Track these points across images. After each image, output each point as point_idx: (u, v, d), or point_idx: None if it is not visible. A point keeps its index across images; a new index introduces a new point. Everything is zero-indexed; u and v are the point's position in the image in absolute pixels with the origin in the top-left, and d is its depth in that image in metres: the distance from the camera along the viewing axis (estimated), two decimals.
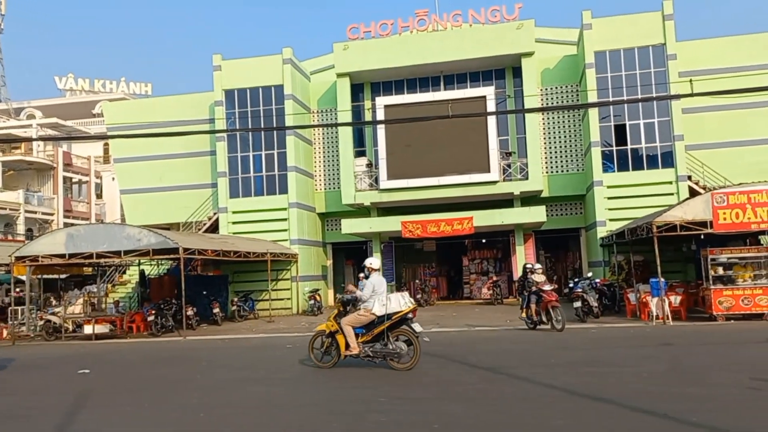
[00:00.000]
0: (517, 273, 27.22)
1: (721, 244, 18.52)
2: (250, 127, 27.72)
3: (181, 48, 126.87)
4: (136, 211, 31.06)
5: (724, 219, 16.57)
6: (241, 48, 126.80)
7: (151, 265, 28.14)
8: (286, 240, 27.29)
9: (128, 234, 19.62)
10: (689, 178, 24.66)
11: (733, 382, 8.72)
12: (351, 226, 26.85)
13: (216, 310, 22.72)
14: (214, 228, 28.43)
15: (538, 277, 16.22)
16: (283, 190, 27.61)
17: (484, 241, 29.50)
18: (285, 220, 27.51)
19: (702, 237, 17.68)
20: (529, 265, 17.14)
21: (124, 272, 30.09)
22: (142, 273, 27.19)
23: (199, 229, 28.79)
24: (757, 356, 11.18)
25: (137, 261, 25.86)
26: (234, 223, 27.89)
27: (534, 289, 16.05)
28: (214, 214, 28.72)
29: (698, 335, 14.29)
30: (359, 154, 29.24)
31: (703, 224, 16.82)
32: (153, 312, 20.18)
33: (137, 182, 31.20)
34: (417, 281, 28.74)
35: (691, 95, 11.84)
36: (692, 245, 21.39)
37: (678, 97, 14.42)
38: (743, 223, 16.56)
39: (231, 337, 18.57)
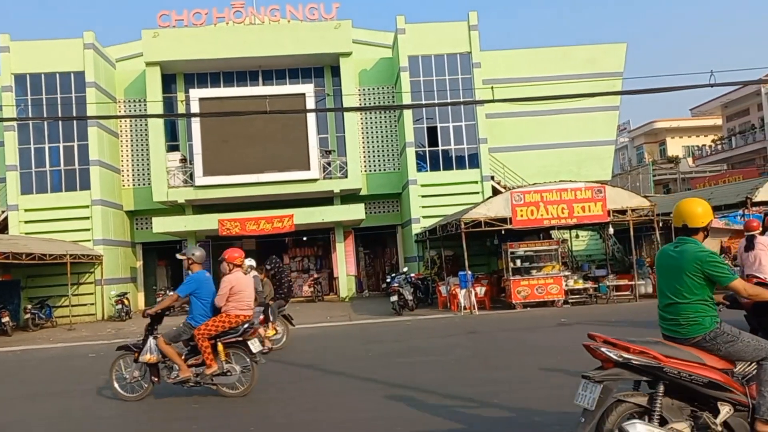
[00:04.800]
0: (338, 270, 27.65)
1: (519, 238, 20.30)
2: (45, 115, 25.00)
3: None
4: None
5: (522, 216, 18.17)
6: (36, 30, 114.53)
7: None
8: (89, 240, 25.08)
9: None
10: (492, 178, 26.72)
11: (528, 364, 9.53)
12: (163, 225, 25.39)
13: (5, 320, 20.26)
14: (2, 228, 25.27)
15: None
16: (85, 185, 25.33)
17: (305, 238, 29.51)
18: (87, 218, 25.25)
19: (503, 232, 19.23)
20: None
21: None
22: None
23: None
24: (548, 339, 12.36)
25: None
26: (27, 222, 25.00)
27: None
28: (2, 212, 25.54)
29: (500, 323, 15.49)
30: (172, 148, 27.74)
31: (503, 220, 18.29)
32: None
33: None
34: None
35: (492, 101, 12.76)
36: (495, 240, 23.18)
37: (481, 102, 15.56)
38: (537, 220, 18.29)
39: (24, 349, 16.66)
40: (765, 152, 38.76)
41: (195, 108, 25.76)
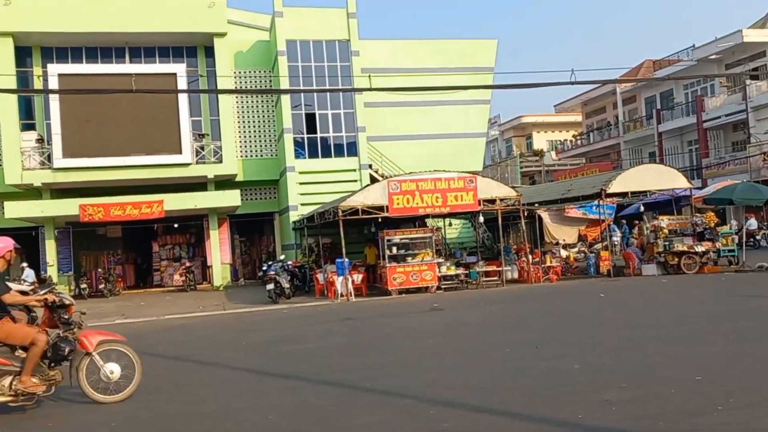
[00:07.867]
0: (212, 258, 26.80)
1: (396, 226, 20.67)
2: None
3: None
4: None
5: (398, 204, 18.50)
6: None
7: None
8: None
9: None
10: (370, 166, 26.99)
11: (402, 348, 9.76)
12: (17, 210, 23.38)
13: None
14: None
15: None
16: None
17: (176, 225, 28.30)
18: None
19: (380, 220, 19.49)
20: None
21: None
22: None
23: None
24: (421, 324, 12.71)
25: None
26: None
27: None
28: None
29: (376, 309, 15.72)
30: (27, 127, 25.56)
31: (380, 208, 18.53)
32: None
33: None
34: (100, 270, 26.31)
35: (370, 90, 12.86)
36: (372, 227, 23.43)
37: (360, 90, 15.63)
38: (413, 208, 18.71)
39: None
40: (619, 148, 42.13)
41: (54, 84, 23.82)
